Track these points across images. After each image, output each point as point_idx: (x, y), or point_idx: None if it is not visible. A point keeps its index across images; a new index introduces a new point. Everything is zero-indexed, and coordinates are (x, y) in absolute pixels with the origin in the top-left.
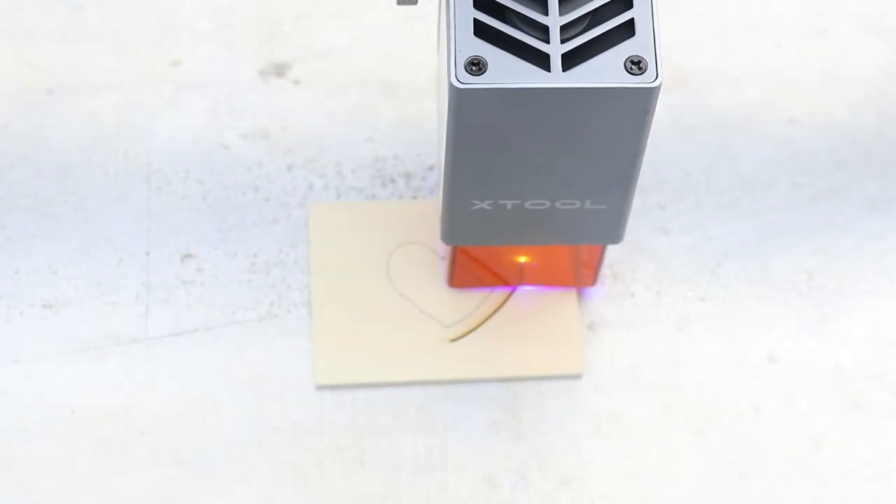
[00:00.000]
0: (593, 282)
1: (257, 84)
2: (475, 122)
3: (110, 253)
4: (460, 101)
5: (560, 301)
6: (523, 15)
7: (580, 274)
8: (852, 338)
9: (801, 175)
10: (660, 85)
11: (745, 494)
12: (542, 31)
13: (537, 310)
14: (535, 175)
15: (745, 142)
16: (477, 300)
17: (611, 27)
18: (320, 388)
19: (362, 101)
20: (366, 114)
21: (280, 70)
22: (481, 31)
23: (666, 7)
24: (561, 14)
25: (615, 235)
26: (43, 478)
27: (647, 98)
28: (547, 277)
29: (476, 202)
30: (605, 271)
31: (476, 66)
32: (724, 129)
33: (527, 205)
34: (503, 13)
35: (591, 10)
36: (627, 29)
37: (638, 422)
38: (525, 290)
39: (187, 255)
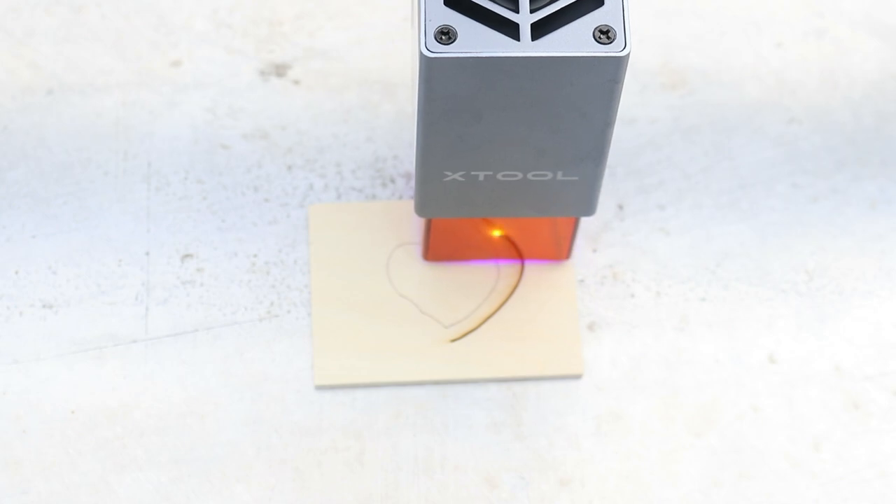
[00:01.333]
0: (567, 255)
1: (257, 84)
2: (446, 91)
3: (110, 253)
4: (430, 70)
5: (560, 301)
6: None
7: (554, 247)
8: (852, 338)
9: (801, 175)
10: (628, 54)
11: (745, 494)
12: (512, 1)
13: (537, 310)
14: (507, 146)
15: (745, 142)
16: (477, 300)
17: None
18: (320, 388)
19: (362, 101)
20: (366, 114)
21: (280, 70)
22: (452, 0)
23: (666, 7)
24: None
25: (588, 208)
26: (43, 478)
27: (615, 67)
28: (521, 251)
29: (448, 173)
30: (605, 271)
31: (446, 35)
32: (724, 129)
33: (499, 176)
34: None
35: None
36: None
37: (638, 422)
38: (518, 296)
39: (187, 256)
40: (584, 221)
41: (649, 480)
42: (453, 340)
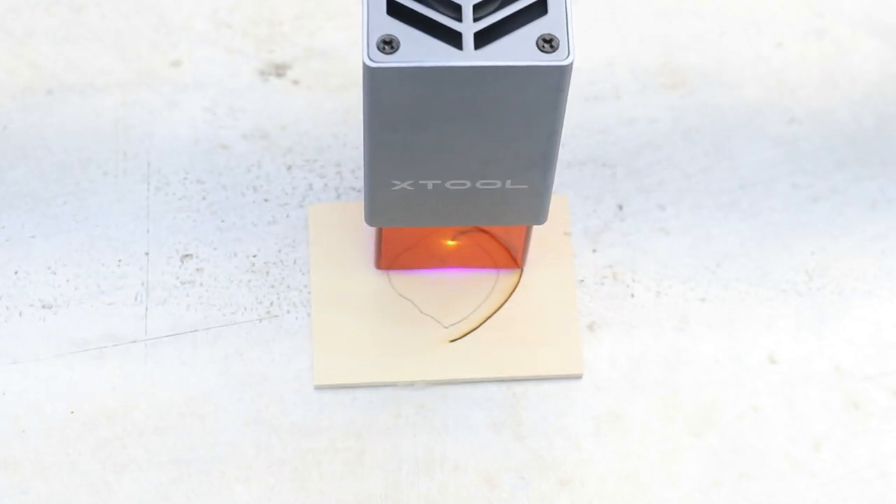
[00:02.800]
0: (520, 264)
1: (257, 84)
2: (390, 101)
3: (110, 253)
4: (373, 80)
5: (560, 301)
6: None
7: (508, 256)
8: (852, 338)
9: (801, 175)
10: (571, 63)
11: (745, 495)
12: (456, 10)
13: (537, 310)
14: (454, 154)
15: (745, 142)
16: (477, 300)
17: (523, 5)
18: (319, 388)
19: (362, 101)
20: None
21: (280, 70)
22: (395, 10)
23: (666, 7)
24: None
25: (538, 216)
26: (42, 478)
27: (559, 76)
28: (473, 259)
29: (397, 182)
30: (605, 271)
31: (388, 44)
32: (724, 129)
33: (447, 185)
34: None
35: None
36: (540, 7)
37: (638, 422)
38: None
39: (186, 256)
40: (584, 221)
41: (649, 480)
42: (453, 340)
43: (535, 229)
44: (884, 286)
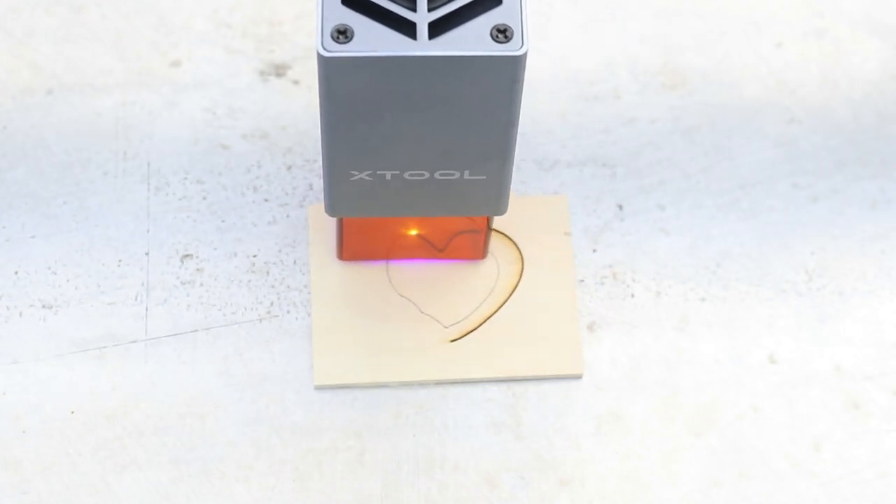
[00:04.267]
0: (483, 255)
1: (257, 84)
2: (345, 91)
3: (110, 253)
4: (328, 69)
5: (560, 301)
6: None
7: (470, 247)
8: (852, 338)
9: (801, 175)
10: (525, 53)
11: (745, 495)
12: (411, 0)
13: (537, 310)
14: (411, 145)
15: (745, 142)
16: (477, 300)
17: None
18: (320, 388)
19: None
20: None
21: (279, 70)
22: None
23: (666, 7)
24: None
25: (497, 206)
26: (43, 478)
27: (513, 66)
28: (436, 250)
29: (355, 173)
30: (605, 271)
31: (342, 34)
32: (724, 129)
33: (406, 175)
34: None
35: None
36: None
37: (638, 422)
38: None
39: (186, 256)
40: (584, 221)
41: (649, 480)
42: (453, 340)
43: (535, 230)
44: (884, 286)
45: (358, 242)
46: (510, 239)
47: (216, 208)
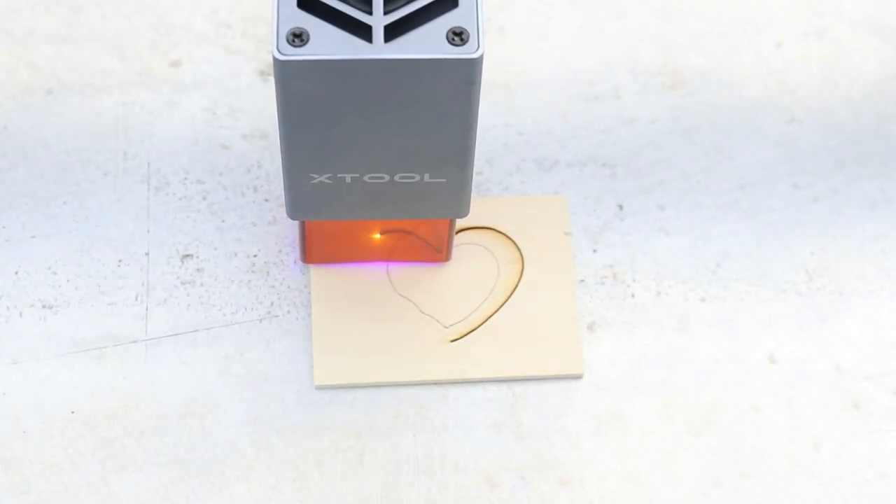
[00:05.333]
0: (447, 257)
1: (256, 84)
2: (301, 94)
3: (110, 253)
4: (283, 73)
5: (560, 301)
6: None
7: (433, 249)
8: (852, 338)
9: (801, 175)
10: (481, 56)
11: (745, 495)
12: (367, 3)
13: (537, 310)
14: (370, 148)
15: (745, 142)
16: (477, 300)
17: None
18: (320, 388)
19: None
20: None
21: None
22: (305, 3)
23: (666, 7)
24: None
25: (459, 209)
26: (43, 478)
27: (469, 69)
28: (400, 252)
29: (315, 176)
30: (605, 271)
31: (298, 37)
32: (724, 129)
33: (366, 178)
34: None
35: None
36: (451, 0)
37: (638, 422)
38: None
39: (187, 256)
40: (584, 221)
41: (649, 480)
42: (453, 340)
43: (535, 230)
44: (884, 286)
45: (322, 245)
46: (510, 239)
47: (216, 208)
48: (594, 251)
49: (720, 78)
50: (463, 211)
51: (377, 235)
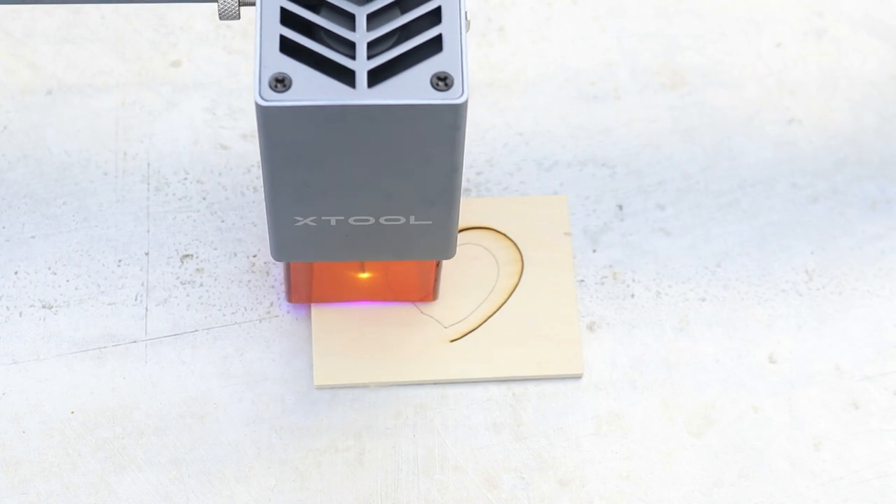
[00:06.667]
0: (434, 297)
1: None
2: (285, 139)
3: (110, 253)
4: (266, 118)
5: (560, 301)
6: (331, 31)
7: (420, 289)
8: (852, 338)
9: (801, 175)
10: (465, 101)
11: (745, 495)
12: (350, 48)
13: (537, 310)
14: (355, 191)
15: (745, 142)
16: (477, 300)
17: (418, 43)
18: (319, 388)
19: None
20: None
21: None
22: (288, 47)
23: (666, 7)
24: (369, 30)
25: (445, 251)
26: (42, 478)
27: (453, 114)
28: (386, 292)
29: (299, 218)
30: (605, 271)
31: (281, 82)
32: (723, 129)
33: (351, 221)
34: (312, 29)
35: (398, 26)
36: (435, 45)
37: (638, 422)
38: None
39: (186, 256)
40: (584, 221)
41: (649, 480)
42: (453, 340)
43: (535, 230)
44: (884, 286)
45: (307, 285)
46: (510, 239)
47: (216, 208)
48: (594, 251)
49: (720, 78)
50: (449, 252)
51: (363, 275)
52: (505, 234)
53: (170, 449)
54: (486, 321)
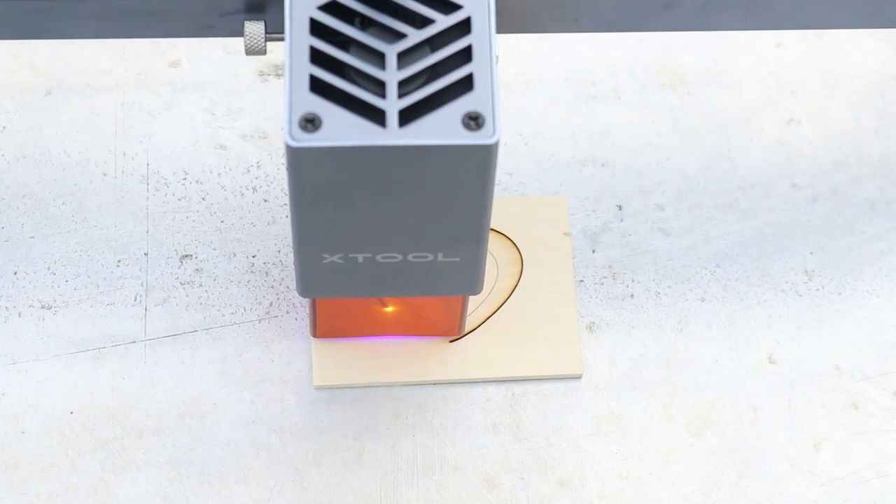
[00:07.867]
0: (459, 332)
1: (256, 85)
2: (314, 179)
3: (109, 254)
4: (296, 159)
5: (560, 301)
6: (361, 70)
7: (446, 323)
8: (852, 338)
9: (800, 175)
10: (497, 142)
11: (745, 495)
12: (381, 87)
13: (537, 310)
14: (383, 230)
15: (745, 142)
16: (477, 300)
17: (449, 82)
18: (319, 388)
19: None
20: None
21: (279, 70)
22: (318, 86)
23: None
24: (399, 69)
25: (472, 286)
26: (42, 478)
27: (485, 155)
28: (412, 327)
29: (326, 256)
30: (604, 271)
31: (311, 122)
32: (723, 129)
33: (378, 258)
34: (342, 68)
35: (429, 65)
36: (466, 84)
37: (637, 422)
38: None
39: (186, 256)
40: (584, 222)
41: (649, 481)
42: (453, 340)
43: (535, 230)
44: (883, 286)
45: (333, 320)
46: (510, 239)
47: (215, 209)
48: (593, 251)
49: (720, 78)
50: (477, 288)
51: (389, 308)
52: (504, 235)
53: (169, 449)
54: (485, 321)
